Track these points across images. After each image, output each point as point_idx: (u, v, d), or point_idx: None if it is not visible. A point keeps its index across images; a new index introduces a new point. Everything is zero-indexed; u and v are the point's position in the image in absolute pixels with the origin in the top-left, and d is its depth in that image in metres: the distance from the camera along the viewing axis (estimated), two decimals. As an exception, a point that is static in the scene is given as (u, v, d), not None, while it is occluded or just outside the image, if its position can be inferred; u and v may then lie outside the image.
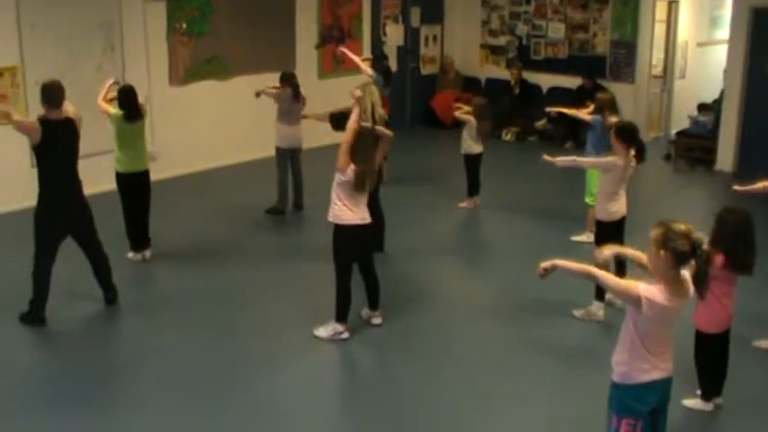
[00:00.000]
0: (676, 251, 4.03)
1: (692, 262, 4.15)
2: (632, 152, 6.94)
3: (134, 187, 8.14)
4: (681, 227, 4.07)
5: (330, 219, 6.61)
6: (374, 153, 6.65)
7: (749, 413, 5.78)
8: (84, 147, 7.03)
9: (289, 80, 9.76)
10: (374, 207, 7.24)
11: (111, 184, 8.19)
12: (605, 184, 7.05)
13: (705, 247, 4.14)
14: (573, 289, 7.47)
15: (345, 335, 6.70)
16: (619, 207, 7.03)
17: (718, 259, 5.37)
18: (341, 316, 6.70)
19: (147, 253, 8.35)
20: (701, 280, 4.32)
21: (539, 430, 5.62)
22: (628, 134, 6.92)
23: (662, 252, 4.06)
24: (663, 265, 4.09)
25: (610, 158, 7.00)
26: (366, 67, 9.94)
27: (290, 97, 9.65)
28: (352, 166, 6.46)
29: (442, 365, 6.39)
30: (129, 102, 8.00)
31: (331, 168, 6.60)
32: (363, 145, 6.52)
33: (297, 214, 9.89)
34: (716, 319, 5.55)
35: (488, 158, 10.36)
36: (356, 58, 10.26)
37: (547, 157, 7.29)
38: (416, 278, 8.13)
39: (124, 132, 8.01)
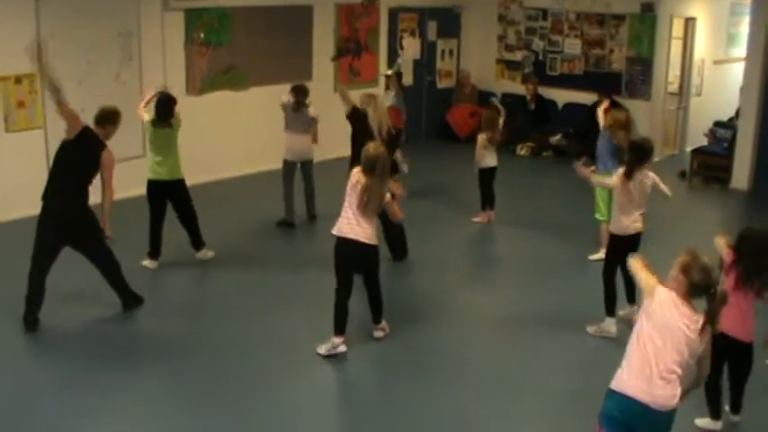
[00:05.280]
0: (692, 281, 4.31)
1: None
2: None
3: (160, 195, 8.21)
4: (706, 261, 4.35)
5: (333, 231, 6.66)
6: (384, 179, 6.58)
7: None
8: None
9: (295, 90, 9.70)
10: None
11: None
12: (616, 197, 7.07)
13: (720, 288, 4.40)
14: (586, 304, 7.46)
15: (342, 348, 6.62)
16: (631, 222, 6.99)
17: (731, 272, 5.49)
18: (336, 329, 6.63)
19: (208, 252, 8.56)
20: (712, 318, 4.37)
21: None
22: (640, 153, 6.89)
23: (680, 276, 4.34)
24: (677, 285, 4.35)
25: (612, 179, 7.02)
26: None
27: (291, 108, 9.64)
28: (362, 179, 6.48)
29: (453, 380, 6.38)
30: (160, 108, 8.16)
31: (344, 180, 6.63)
32: (383, 165, 6.52)
33: (309, 226, 9.90)
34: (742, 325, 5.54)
35: (503, 173, 10.35)
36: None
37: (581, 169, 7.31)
38: (428, 292, 8.12)
39: (153, 139, 8.16)
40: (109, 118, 7.12)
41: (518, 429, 5.80)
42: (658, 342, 4.29)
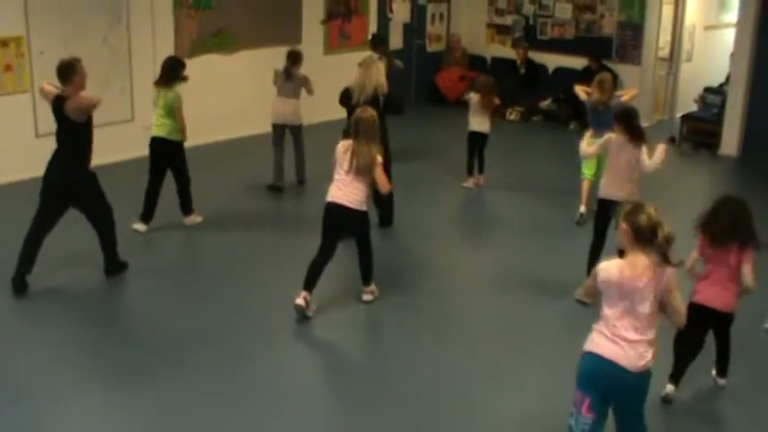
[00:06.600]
0: (637, 225, 4.27)
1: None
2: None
3: (157, 153, 8.25)
4: (649, 208, 4.33)
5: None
6: (370, 141, 6.60)
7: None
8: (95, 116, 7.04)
9: (289, 56, 9.75)
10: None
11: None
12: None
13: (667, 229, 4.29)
14: (575, 267, 7.47)
15: (299, 301, 6.56)
16: (602, 186, 7.18)
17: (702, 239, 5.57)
18: (304, 284, 6.65)
19: (197, 218, 8.57)
20: (664, 257, 4.32)
21: (535, 405, 5.63)
22: (627, 118, 7.09)
23: (624, 224, 4.33)
24: (624, 236, 4.35)
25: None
26: None
27: (282, 74, 9.68)
28: (349, 143, 6.56)
29: (441, 342, 6.43)
30: (167, 70, 8.30)
31: (333, 143, 6.64)
32: (366, 126, 6.58)
33: (297, 190, 9.90)
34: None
35: (493, 138, 10.34)
36: None
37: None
38: (417, 254, 8.16)
39: (156, 98, 8.33)
40: (67, 70, 6.81)
41: (507, 389, 5.85)
42: (620, 304, 4.33)
